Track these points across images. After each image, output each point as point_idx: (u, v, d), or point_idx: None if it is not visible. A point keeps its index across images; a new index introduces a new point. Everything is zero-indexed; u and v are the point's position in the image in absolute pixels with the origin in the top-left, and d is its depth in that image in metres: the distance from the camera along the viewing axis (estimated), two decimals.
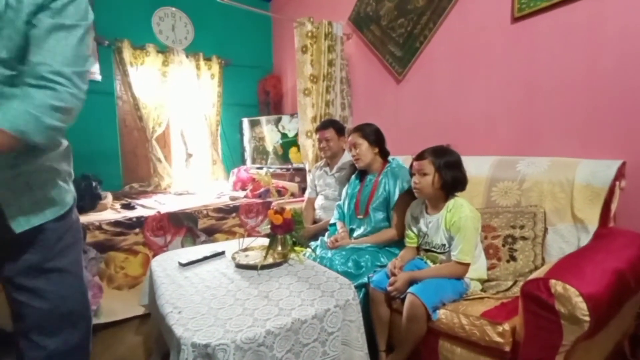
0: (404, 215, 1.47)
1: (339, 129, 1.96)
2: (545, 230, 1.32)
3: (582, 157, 1.37)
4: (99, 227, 1.72)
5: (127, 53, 2.61)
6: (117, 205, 2.13)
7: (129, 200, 2.30)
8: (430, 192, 1.30)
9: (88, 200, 1.94)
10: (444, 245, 1.28)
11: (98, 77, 2.55)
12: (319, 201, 2.06)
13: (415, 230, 1.39)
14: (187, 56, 2.88)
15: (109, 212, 1.98)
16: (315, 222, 2.04)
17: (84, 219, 1.78)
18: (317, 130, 1.99)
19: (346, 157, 1.96)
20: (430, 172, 1.28)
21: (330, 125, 1.94)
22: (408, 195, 1.49)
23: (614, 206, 1.28)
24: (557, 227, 1.30)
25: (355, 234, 1.64)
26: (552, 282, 0.87)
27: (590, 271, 0.93)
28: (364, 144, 1.62)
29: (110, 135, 2.69)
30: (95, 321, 1.67)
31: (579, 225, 1.26)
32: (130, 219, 1.84)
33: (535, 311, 0.90)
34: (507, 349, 0.97)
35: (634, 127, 1.32)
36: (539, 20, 1.54)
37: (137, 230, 1.85)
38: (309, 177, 2.28)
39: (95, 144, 2.56)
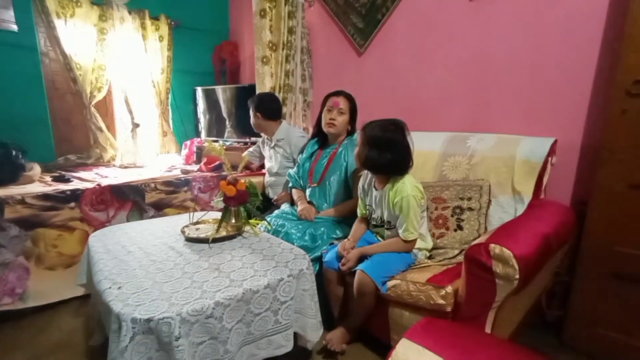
0: None
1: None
2: (489, 202, 1.41)
3: (524, 134, 1.47)
4: (22, 201, 1.50)
5: (52, 1, 2.23)
6: (48, 178, 1.89)
7: (63, 172, 2.05)
8: (359, 165, 1.29)
9: (7, 172, 1.68)
10: (389, 222, 1.30)
11: (14, 27, 2.14)
12: (266, 178, 2.07)
13: (365, 201, 1.41)
14: (129, 12, 2.55)
15: (37, 185, 1.75)
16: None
17: (2, 192, 1.55)
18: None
19: (284, 132, 1.93)
20: (359, 144, 1.25)
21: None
22: None
23: (545, 180, 1.42)
24: (498, 199, 1.41)
25: (316, 204, 1.64)
26: (492, 246, 0.94)
27: (523, 236, 1.02)
28: (346, 115, 1.59)
29: (36, 98, 2.31)
30: (22, 305, 1.51)
31: (517, 196, 1.37)
32: (63, 192, 1.64)
33: (476, 272, 0.96)
34: (449, 309, 1.04)
35: (565, 108, 1.44)
36: None
37: (72, 204, 1.65)
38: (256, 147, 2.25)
39: (16, 108, 2.19)
